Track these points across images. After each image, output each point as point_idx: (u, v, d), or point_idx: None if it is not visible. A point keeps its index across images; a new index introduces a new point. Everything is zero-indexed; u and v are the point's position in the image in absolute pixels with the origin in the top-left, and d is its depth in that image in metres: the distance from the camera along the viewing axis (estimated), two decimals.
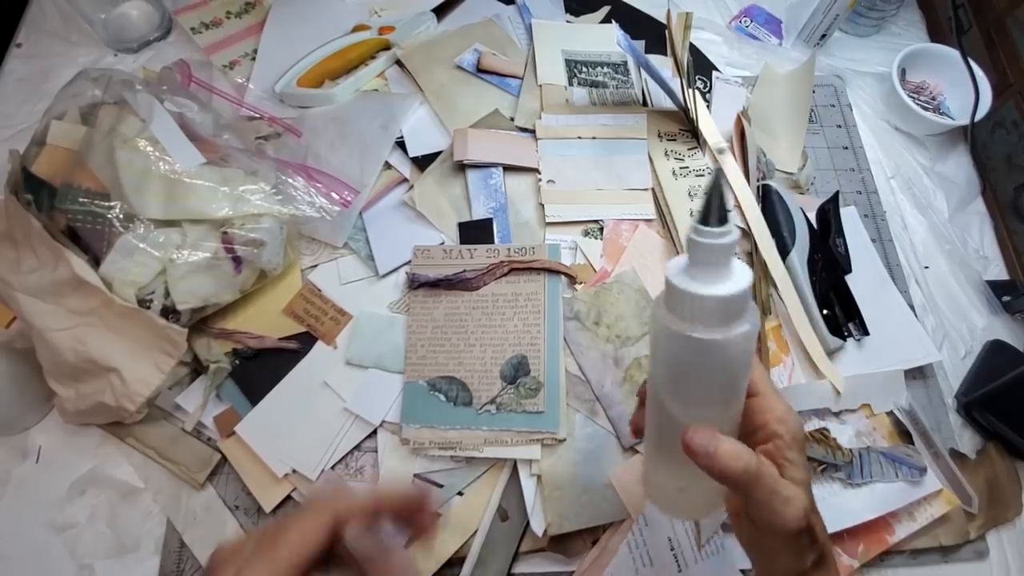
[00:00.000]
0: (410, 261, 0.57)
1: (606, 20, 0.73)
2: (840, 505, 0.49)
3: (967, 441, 0.54)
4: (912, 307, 0.58)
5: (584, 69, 0.68)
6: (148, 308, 0.48)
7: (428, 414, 0.50)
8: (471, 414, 0.50)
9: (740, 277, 0.28)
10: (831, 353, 0.54)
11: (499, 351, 0.52)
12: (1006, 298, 0.59)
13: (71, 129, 0.51)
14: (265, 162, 0.54)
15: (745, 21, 0.75)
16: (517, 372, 0.51)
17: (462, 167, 0.60)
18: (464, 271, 0.55)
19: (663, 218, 0.59)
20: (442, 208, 0.59)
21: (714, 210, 0.27)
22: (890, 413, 0.53)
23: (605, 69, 0.68)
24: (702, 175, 0.60)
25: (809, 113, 0.67)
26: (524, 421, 0.50)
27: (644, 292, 0.55)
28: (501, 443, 0.49)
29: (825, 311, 0.55)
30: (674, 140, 0.63)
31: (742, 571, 0.48)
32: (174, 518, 0.49)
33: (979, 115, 0.64)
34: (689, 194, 0.59)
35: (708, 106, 0.66)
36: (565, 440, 0.49)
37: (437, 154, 0.61)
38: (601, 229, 0.59)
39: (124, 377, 0.47)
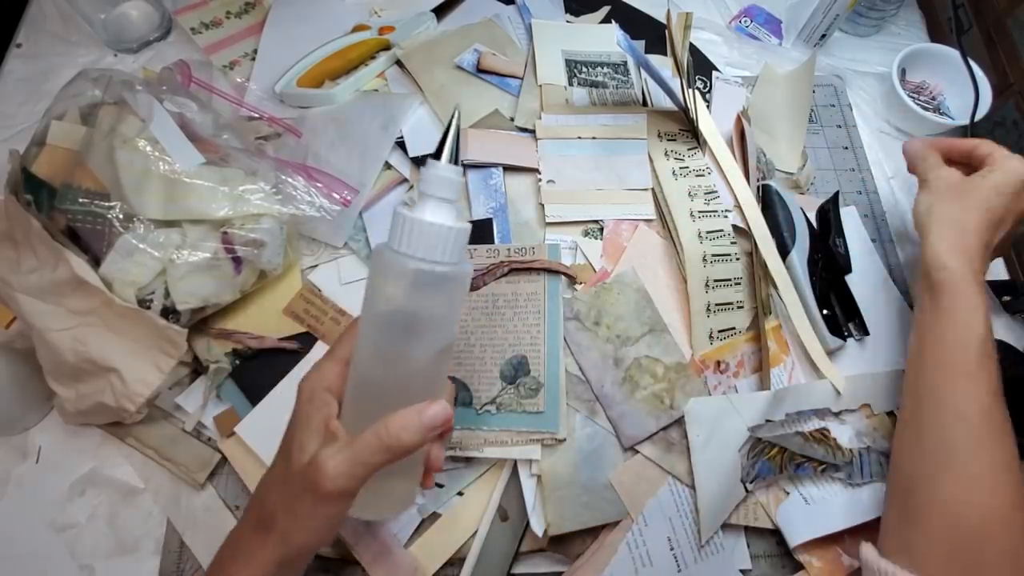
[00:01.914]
0: None
1: (606, 20, 0.73)
2: (840, 505, 0.49)
3: None
4: (912, 307, 0.58)
5: (584, 69, 0.68)
6: (148, 308, 0.48)
7: None
8: (471, 414, 0.50)
9: (463, 221, 0.33)
10: (831, 353, 0.54)
11: (499, 351, 0.52)
12: (1006, 298, 0.59)
13: (71, 129, 0.51)
14: (265, 162, 0.54)
15: (745, 21, 0.75)
16: (517, 372, 0.51)
17: (462, 167, 0.60)
18: None
19: (663, 218, 0.59)
20: None
21: (451, 150, 0.32)
22: (890, 413, 0.53)
23: (605, 69, 0.68)
24: (702, 175, 0.60)
25: (809, 113, 0.67)
26: (524, 421, 0.50)
27: (644, 292, 0.55)
28: (501, 443, 0.49)
29: (825, 311, 0.55)
30: (674, 140, 0.63)
31: (742, 571, 0.48)
32: (174, 518, 0.49)
33: (979, 115, 0.64)
34: (689, 194, 0.59)
35: (708, 106, 0.66)
36: (565, 440, 0.49)
37: None
38: (601, 229, 0.59)
39: (124, 377, 0.47)
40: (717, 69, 0.71)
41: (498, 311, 0.54)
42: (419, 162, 0.61)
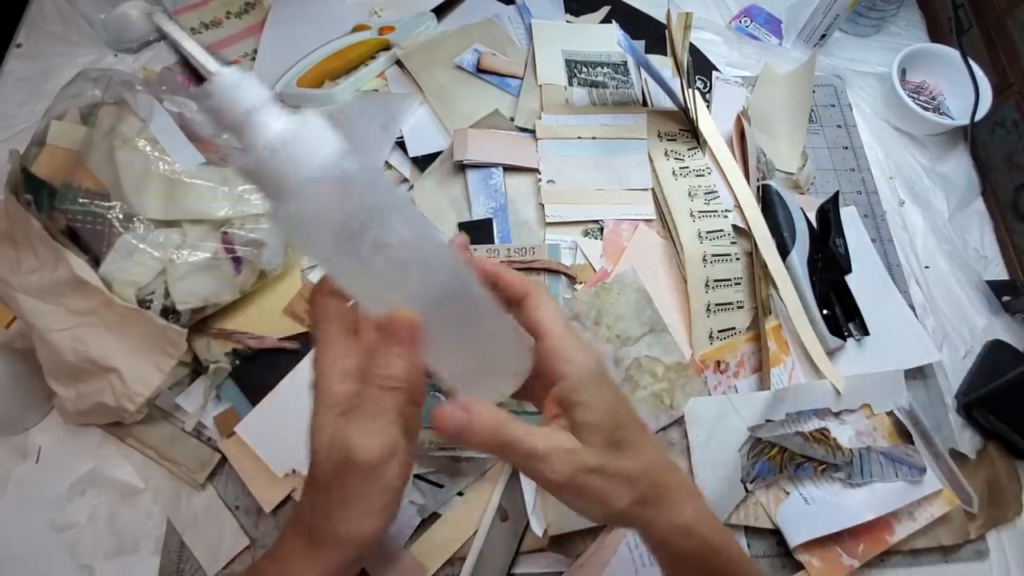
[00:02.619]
0: None
1: (606, 20, 0.73)
2: (840, 505, 0.49)
3: (967, 441, 0.54)
4: (912, 307, 0.58)
5: (584, 69, 0.68)
6: (148, 308, 0.48)
7: (428, 414, 0.50)
8: None
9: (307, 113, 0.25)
10: (831, 353, 0.54)
11: None
12: (1006, 298, 0.59)
13: (71, 129, 0.51)
14: None
15: (745, 21, 0.75)
16: None
17: (462, 167, 0.60)
18: None
19: (663, 218, 0.59)
20: (442, 208, 0.59)
21: (204, 61, 0.25)
22: (890, 413, 0.53)
23: (605, 69, 0.68)
24: (702, 175, 0.60)
25: (809, 113, 0.67)
26: (524, 421, 0.49)
27: (644, 292, 0.55)
28: None
29: (825, 311, 0.55)
30: (674, 140, 0.63)
31: None
32: (174, 518, 0.49)
33: (979, 115, 0.64)
34: (689, 194, 0.59)
35: (708, 106, 0.66)
36: None
37: (437, 154, 0.61)
38: (601, 229, 0.59)
39: (124, 377, 0.47)
40: (717, 69, 0.71)
41: None
42: (419, 162, 0.61)
